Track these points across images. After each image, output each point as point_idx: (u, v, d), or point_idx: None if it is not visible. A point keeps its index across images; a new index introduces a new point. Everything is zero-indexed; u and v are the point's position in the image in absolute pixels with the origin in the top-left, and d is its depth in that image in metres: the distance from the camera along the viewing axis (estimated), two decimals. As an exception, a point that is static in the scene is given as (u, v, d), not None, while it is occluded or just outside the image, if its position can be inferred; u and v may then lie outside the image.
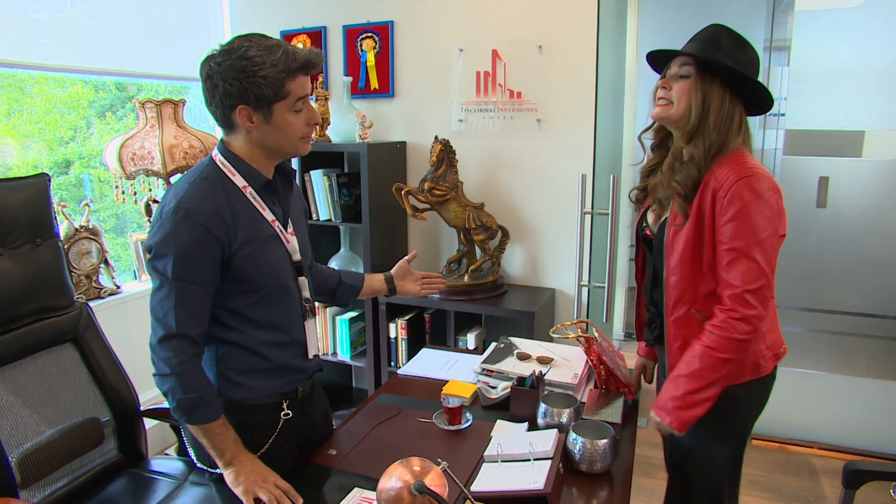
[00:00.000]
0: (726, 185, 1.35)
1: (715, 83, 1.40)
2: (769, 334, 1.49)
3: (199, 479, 1.72)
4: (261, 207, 1.34)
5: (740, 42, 1.42)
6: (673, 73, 1.45)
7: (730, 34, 1.43)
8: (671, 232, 1.47)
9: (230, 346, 1.36)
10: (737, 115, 1.42)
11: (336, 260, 3.06)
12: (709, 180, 1.40)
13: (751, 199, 1.33)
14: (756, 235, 1.33)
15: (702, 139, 1.40)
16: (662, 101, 1.46)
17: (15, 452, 1.54)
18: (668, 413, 1.40)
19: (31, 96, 2.65)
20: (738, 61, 1.39)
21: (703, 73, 1.40)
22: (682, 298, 1.47)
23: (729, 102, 1.41)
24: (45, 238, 1.72)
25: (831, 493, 2.59)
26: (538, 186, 2.89)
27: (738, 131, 1.42)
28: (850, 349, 2.87)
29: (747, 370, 1.46)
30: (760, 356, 1.47)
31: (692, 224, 1.41)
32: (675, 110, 1.44)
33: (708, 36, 1.43)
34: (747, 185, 1.33)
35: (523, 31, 2.77)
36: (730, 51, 1.40)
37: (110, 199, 2.93)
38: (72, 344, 1.77)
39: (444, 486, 1.05)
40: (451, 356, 2.13)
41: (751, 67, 1.42)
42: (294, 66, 1.24)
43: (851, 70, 2.71)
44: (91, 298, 2.67)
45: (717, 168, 1.39)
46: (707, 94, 1.40)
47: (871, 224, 2.74)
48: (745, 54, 1.42)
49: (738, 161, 1.38)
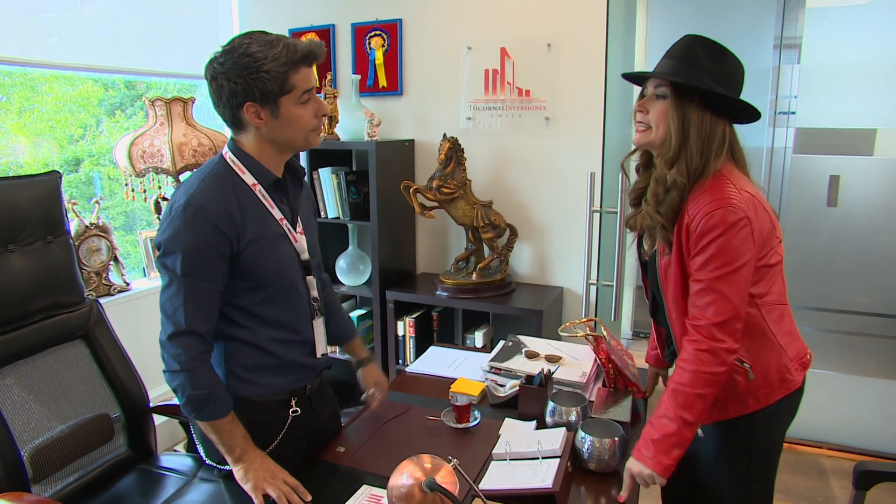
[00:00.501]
0: (697, 218, 1.29)
1: (693, 103, 1.31)
2: (790, 346, 1.42)
3: (208, 475, 1.73)
4: (270, 206, 1.35)
5: (719, 53, 1.34)
6: (649, 93, 1.37)
7: (707, 46, 1.34)
8: (662, 263, 1.42)
9: (239, 343, 1.36)
10: (718, 134, 1.33)
11: (344, 258, 3.07)
12: (684, 211, 1.34)
13: (720, 232, 1.27)
14: (725, 267, 1.27)
15: (684, 163, 1.33)
16: (641, 125, 1.39)
17: (27, 447, 1.55)
18: (649, 458, 1.31)
19: (42, 95, 2.67)
20: (717, 76, 1.31)
21: (679, 94, 1.32)
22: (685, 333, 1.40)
23: (710, 122, 1.32)
24: (56, 235, 1.73)
25: (841, 494, 2.57)
26: (546, 184, 2.88)
27: (719, 151, 1.33)
28: (861, 349, 2.85)
29: (775, 389, 1.40)
30: (785, 370, 1.40)
31: (676, 259, 1.37)
32: (655, 136, 1.36)
33: (682, 51, 1.35)
34: (717, 218, 1.27)
35: (532, 28, 2.76)
36: (707, 65, 1.32)
37: (120, 197, 2.95)
38: (82, 340, 1.79)
39: (454, 484, 1.05)
40: (459, 354, 2.13)
41: (732, 80, 1.34)
42: (295, 58, 1.24)
43: (863, 68, 2.68)
44: (101, 295, 2.69)
45: (692, 198, 1.33)
46: (685, 117, 1.32)
47: (883, 223, 2.72)
48: (725, 66, 1.34)
49: (714, 189, 1.30)
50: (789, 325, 1.44)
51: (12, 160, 2.57)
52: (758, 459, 1.46)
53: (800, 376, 1.43)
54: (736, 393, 1.40)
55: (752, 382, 1.38)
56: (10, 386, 1.59)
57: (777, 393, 1.40)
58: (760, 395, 1.39)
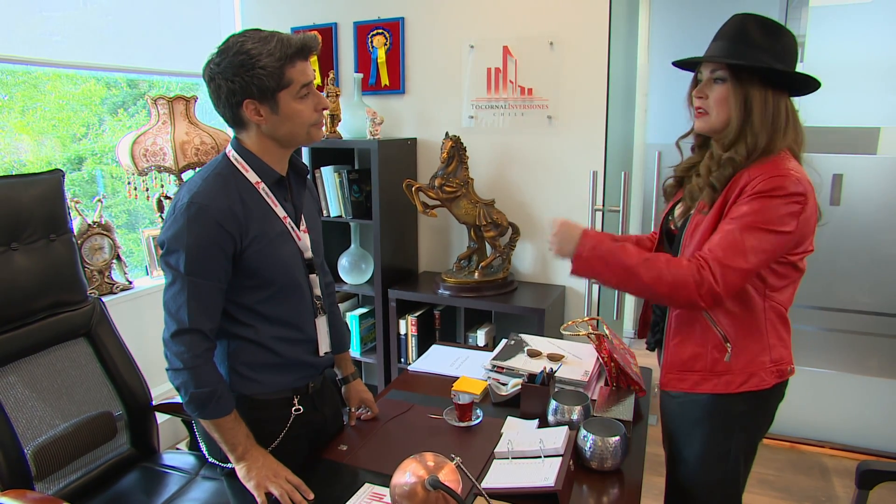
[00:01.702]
0: (757, 179, 1.27)
1: (754, 83, 1.29)
2: (775, 348, 1.40)
3: (211, 473, 1.74)
4: (273, 204, 1.35)
5: (773, 29, 1.30)
6: (706, 78, 1.35)
7: (760, 23, 1.30)
8: (693, 222, 1.39)
9: (242, 341, 1.36)
10: (783, 110, 1.31)
11: (346, 256, 3.07)
12: (741, 177, 1.31)
13: (775, 194, 1.24)
14: (761, 223, 1.25)
15: (744, 144, 1.31)
16: (700, 111, 1.37)
17: (30, 445, 1.56)
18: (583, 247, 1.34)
19: (44, 93, 2.68)
20: (774, 53, 1.28)
21: (738, 76, 1.30)
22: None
23: (773, 100, 1.30)
24: (59, 233, 1.74)
25: (843, 494, 2.57)
26: (549, 183, 2.88)
27: (785, 130, 1.31)
28: (863, 348, 2.84)
29: (739, 380, 1.38)
30: (760, 366, 1.38)
31: (713, 214, 1.34)
32: (715, 120, 1.35)
33: (736, 31, 1.32)
34: (777, 182, 1.25)
35: (534, 27, 2.76)
36: (763, 42, 1.28)
37: (122, 195, 2.95)
38: (85, 339, 1.79)
39: (457, 482, 1.05)
40: (461, 353, 2.13)
41: (789, 55, 1.30)
42: (290, 51, 1.24)
43: (866, 66, 2.68)
44: (103, 294, 2.69)
45: (755, 167, 1.30)
46: (747, 98, 1.30)
47: (886, 222, 2.72)
48: (781, 41, 1.30)
49: (777, 163, 1.29)
50: (783, 333, 1.43)
51: (15, 159, 2.58)
52: (716, 439, 1.45)
53: (770, 380, 1.40)
54: (706, 368, 1.41)
55: (725, 364, 1.38)
56: (13, 384, 1.60)
57: (742, 385, 1.38)
58: (727, 381, 1.39)
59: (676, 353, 1.45)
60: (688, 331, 1.43)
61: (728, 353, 1.37)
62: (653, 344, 1.62)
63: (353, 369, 1.70)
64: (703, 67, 1.37)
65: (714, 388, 1.40)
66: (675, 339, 1.46)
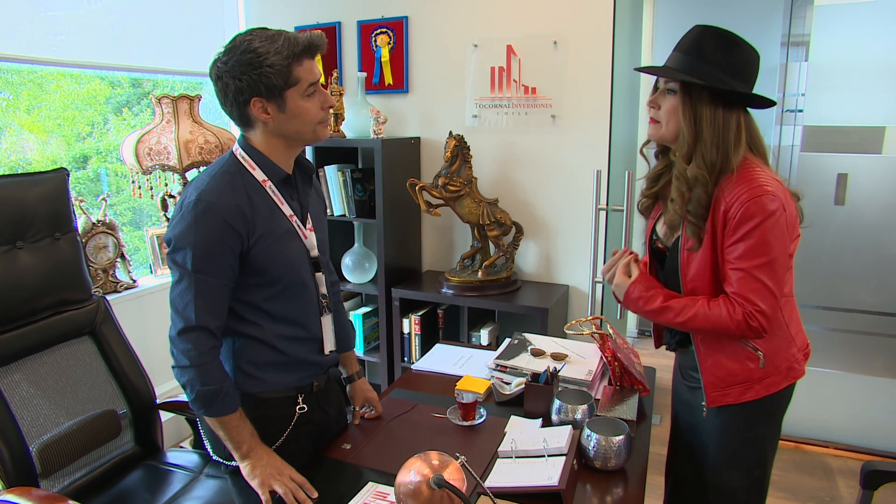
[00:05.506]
0: (735, 206, 1.28)
1: (703, 98, 1.30)
2: (798, 336, 1.45)
3: (215, 471, 1.74)
4: (279, 202, 1.35)
5: (729, 42, 1.31)
6: (661, 88, 1.37)
7: (716, 35, 1.31)
8: (684, 256, 1.40)
9: (247, 339, 1.37)
10: (733, 125, 1.31)
11: (350, 255, 3.07)
12: (719, 200, 1.31)
13: (761, 220, 1.26)
14: (765, 256, 1.28)
15: (701, 158, 1.31)
16: (653, 119, 1.39)
17: (35, 443, 1.56)
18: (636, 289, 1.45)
19: (49, 92, 2.68)
20: (728, 67, 1.29)
21: (688, 90, 1.31)
22: None
23: (722, 116, 1.30)
24: (63, 232, 1.74)
25: (847, 494, 2.56)
26: (552, 182, 2.87)
27: (737, 144, 1.31)
28: (868, 348, 2.83)
29: (779, 379, 1.41)
30: (793, 360, 1.43)
31: (707, 247, 1.35)
32: (665, 131, 1.37)
33: (691, 43, 1.33)
34: (757, 206, 1.26)
35: (538, 26, 2.76)
36: (717, 57, 1.29)
37: (127, 194, 2.96)
38: (89, 337, 1.80)
39: (462, 481, 1.05)
40: (464, 352, 2.13)
41: (745, 70, 1.32)
42: (297, 50, 1.24)
43: (871, 65, 2.66)
44: (108, 292, 2.70)
45: (727, 185, 1.31)
46: (696, 112, 1.31)
47: (891, 222, 2.71)
48: (737, 55, 1.30)
49: (747, 177, 1.29)
50: (796, 317, 1.47)
51: (21, 157, 2.59)
52: (760, 445, 1.47)
53: (803, 367, 1.46)
54: (746, 379, 1.41)
55: (762, 370, 1.40)
56: (18, 382, 1.60)
57: (783, 382, 1.43)
58: (768, 383, 1.41)
59: (714, 373, 1.44)
60: (718, 349, 1.43)
61: (761, 361, 1.39)
62: (674, 345, 1.59)
63: (358, 368, 1.70)
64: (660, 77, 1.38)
65: (757, 393, 1.42)
66: (707, 361, 1.45)
